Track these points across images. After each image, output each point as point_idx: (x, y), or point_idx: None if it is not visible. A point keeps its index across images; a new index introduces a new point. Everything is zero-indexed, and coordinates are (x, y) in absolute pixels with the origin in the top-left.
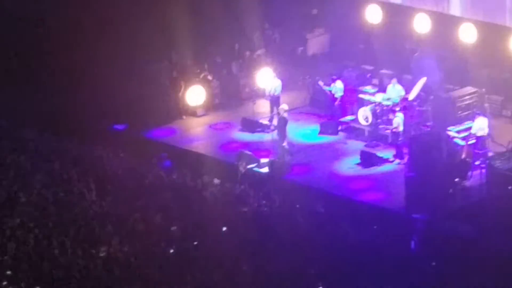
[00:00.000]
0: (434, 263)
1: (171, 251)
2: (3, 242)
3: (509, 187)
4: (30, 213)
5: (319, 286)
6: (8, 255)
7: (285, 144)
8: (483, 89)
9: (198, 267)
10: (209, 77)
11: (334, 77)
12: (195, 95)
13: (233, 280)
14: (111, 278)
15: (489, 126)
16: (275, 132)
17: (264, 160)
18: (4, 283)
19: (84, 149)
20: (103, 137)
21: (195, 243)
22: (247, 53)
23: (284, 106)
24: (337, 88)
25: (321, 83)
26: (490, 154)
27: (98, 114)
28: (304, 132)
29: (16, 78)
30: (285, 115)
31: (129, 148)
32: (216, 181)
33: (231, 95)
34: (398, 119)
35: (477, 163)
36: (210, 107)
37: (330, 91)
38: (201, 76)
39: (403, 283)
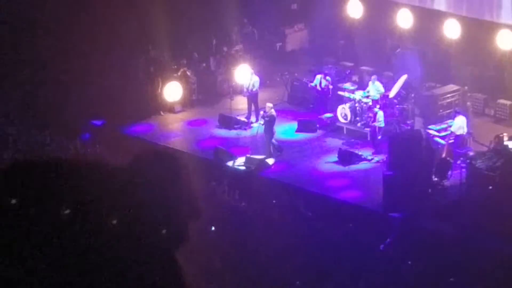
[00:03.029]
0: (410, 262)
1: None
2: None
3: (490, 187)
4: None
5: (296, 282)
6: None
7: (273, 141)
8: (466, 87)
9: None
10: (187, 73)
11: (324, 72)
12: (172, 91)
13: (208, 276)
14: None
15: (471, 125)
16: (262, 129)
17: (241, 157)
18: None
19: (60, 144)
20: (80, 132)
21: (164, 231)
22: (225, 48)
23: (269, 104)
24: (325, 83)
25: (304, 80)
26: (471, 153)
27: (75, 109)
28: (282, 129)
29: None
30: (272, 111)
31: (106, 143)
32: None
33: (208, 91)
34: (381, 116)
35: (457, 162)
36: (188, 103)
37: (316, 85)
38: (179, 71)
39: (378, 282)
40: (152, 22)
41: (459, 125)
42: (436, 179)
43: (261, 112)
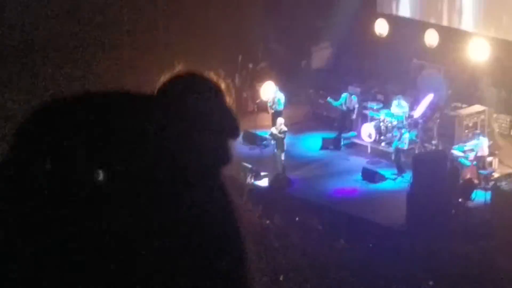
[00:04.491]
0: (431, 283)
1: None
2: None
3: None
4: None
5: None
6: None
7: (282, 158)
8: (492, 108)
9: None
10: None
11: (350, 91)
12: None
13: None
14: None
15: (497, 147)
16: (275, 145)
17: (264, 174)
18: None
19: None
20: None
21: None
22: (250, 65)
23: (280, 120)
24: (351, 101)
25: (330, 99)
26: (496, 175)
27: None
28: (306, 146)
29: None
30: (283, 127)
31: None
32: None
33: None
34: (406, 138)
35: (482, 183)
36: None
37: (341, 104)
38: None
39: None
40: (178, 37)
41: (480, 146)
42: (460, 200)
43: (273, 128)
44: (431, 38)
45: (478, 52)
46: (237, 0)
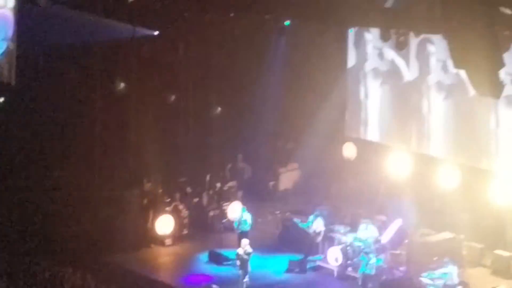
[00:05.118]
0: None
1: None
2: None
3: None
4: None
5: None
6: None
7: (246, 279)
8: (462, 235)
9: None
10: (179, 207)
11: (317, 213)
12: (164, 224)
13: None
14: None
15: (466, 275)
16: (239, 266)
17: None
18: None
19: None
20: (74, 260)
21: None
22: (218, 184)
23: (245, 241)
24: (318, 224)
25: (297, 220)
26: None
27: (68, 239)
28: (272, 268)
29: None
30: (248, 248)
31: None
32: None
33: (200, 226)
34: (374, 262)
35: None
36: (179, 237)
37: (308, 226)
38: (172, 205)
39: None
40: (147, 155)
41: (449, 275)
42: None
43: (239, 249)
44: (401, 163)
45: (448, 178)
46: (207, 119)
